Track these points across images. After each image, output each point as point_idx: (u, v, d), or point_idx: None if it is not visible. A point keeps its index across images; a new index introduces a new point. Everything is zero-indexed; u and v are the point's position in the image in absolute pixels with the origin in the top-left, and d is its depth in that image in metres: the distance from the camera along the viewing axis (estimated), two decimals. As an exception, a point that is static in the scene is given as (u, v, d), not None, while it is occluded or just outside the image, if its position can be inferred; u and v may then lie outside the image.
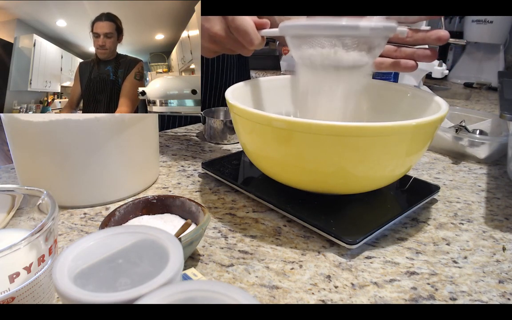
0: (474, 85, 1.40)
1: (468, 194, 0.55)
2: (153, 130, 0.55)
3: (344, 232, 0.41)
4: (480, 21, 1.37)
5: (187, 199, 0.43)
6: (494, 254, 0.42)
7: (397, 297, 0.35)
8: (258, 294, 0.35)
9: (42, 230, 0.28)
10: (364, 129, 0.39)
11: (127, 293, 0.22)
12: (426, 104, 0.51)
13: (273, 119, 0.41)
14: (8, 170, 0.59)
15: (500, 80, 0.72)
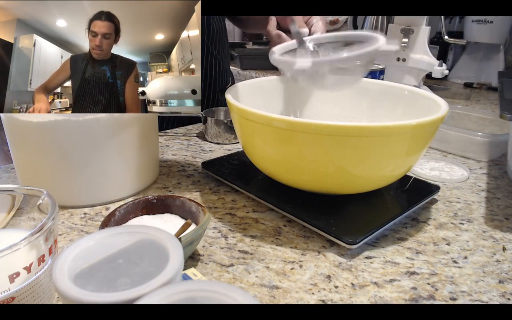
0: (474, 85, 1.40)
1: (468, 194, 0.55)
2: (153, 130, 0.55)
3: (344, 232, 0.41)
4: (480, 21, 1.37)
5: (187, 199, 0.43)
6: (494, 254, 0.42)
7: (397, 297, 0.35)
8: (258, 294, 0.35)
9: (42, 230, 0.28)
10: (364, 129, 0.39)
11: (127, 293, 0.22)
12: (426, 104, 0.51)
13: (273, 119, 0.41)
14: (8, 170, 0.59)
15: (500, 80, 0.72)
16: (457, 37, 1.48)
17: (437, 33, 1.55)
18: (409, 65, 0.99)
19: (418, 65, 0.98)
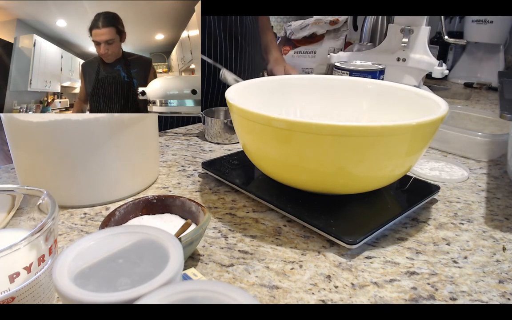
0: (474, 85, 1.40)
1: (468, 194, 0.55)
2: (153, 130, 0.55)
3: (344, 232, 0.41)
4: (480, 21, 1.37)
5: (187, 199, 0.43)
6: (494, 254, 0.42)
7: (397, 297, 0.35)
8: (258, 294, 0.35)
9: (42, 230, 0.28)
10: (364, 129, 0.39)
11: (127, 293, 0.22)
12: (426, 104, 0.51)
13: (273, 119, 0.41)
14: (8, 170, 0.59)
15: (500, 80, 0.72)
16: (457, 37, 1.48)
17: (437, 33, 1.55)
18: (409, 65, 0.99)
19: (418, 65, 0.98)
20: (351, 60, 0.87)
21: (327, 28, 1.34)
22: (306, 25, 1.39)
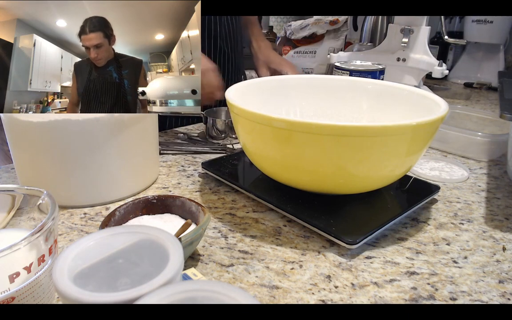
0: (474, 85, 1.40)
1: (468, 194, 0.55)
2: (153, 130, 0.55)
3: (344, 232, 0.41)
4: (480, 21, 1.37)
5: (187, 199, 0.43)
6: (494, 254, 0.42)
7: (397, 297, 0.35)
8: (258, 294, 0.35)
9: (42, 230, 0.28)
10: (364, 129, 0.39)
11: (127, 293, 0.22)
12: (426, 104, 0.51)
13: (273, 119, 0.41)
14: (8, 170, 0.59)
15: (500, 80, 0.72)
16: (457, 37, 1.48)
17: (437, 33, 1.55)
18: (409, 65, 0.99)
19: (418, 65, 0.98)
20: (351, 60, 0.87)
21: (327, 28, 1.34)
22: (306, 25, 1.39)
